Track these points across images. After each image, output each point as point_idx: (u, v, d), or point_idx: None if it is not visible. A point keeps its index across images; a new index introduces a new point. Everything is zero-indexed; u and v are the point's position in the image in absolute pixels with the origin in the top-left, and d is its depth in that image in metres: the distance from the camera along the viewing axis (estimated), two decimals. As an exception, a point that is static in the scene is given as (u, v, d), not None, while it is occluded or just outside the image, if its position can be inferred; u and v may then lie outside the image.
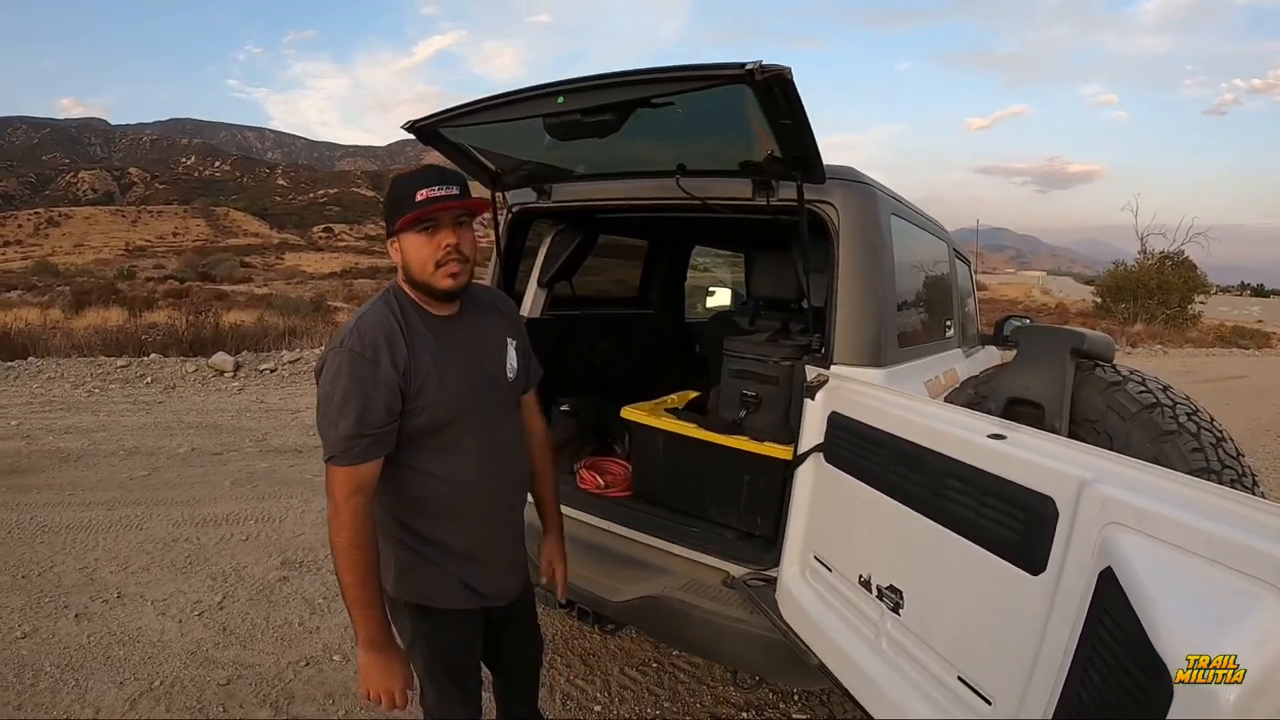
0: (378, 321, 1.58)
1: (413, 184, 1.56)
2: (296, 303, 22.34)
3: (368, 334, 1.55)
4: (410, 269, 1.61)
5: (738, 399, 2.54)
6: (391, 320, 1.59)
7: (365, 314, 1.61)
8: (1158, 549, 1.04)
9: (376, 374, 1.52)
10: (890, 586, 1.63)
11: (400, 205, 1.57)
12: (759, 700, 2.96)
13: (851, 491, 1.80)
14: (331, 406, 1.53)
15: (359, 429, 1.51)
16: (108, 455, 5.95)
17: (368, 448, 1.53)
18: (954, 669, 1.45)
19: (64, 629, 3.30)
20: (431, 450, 1.64)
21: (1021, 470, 1.30)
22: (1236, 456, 1.51)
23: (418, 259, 1.59)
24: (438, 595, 1.71)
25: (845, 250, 2.17)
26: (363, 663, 1.59)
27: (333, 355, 1.55)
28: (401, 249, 1.61)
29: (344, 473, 1.53)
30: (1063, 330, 1.79)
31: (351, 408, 1.51)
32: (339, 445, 1.52)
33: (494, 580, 1.80)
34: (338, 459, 1.52)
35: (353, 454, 1.52)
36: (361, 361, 1.52)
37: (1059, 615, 1.19)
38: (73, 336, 10.87)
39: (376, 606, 1.57)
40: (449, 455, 1.66)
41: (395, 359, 1.54)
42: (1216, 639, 0.90)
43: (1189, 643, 0.92)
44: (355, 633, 1.59)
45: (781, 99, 1.67)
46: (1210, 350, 22.96)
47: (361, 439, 1.52)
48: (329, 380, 1.54)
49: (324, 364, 1.57)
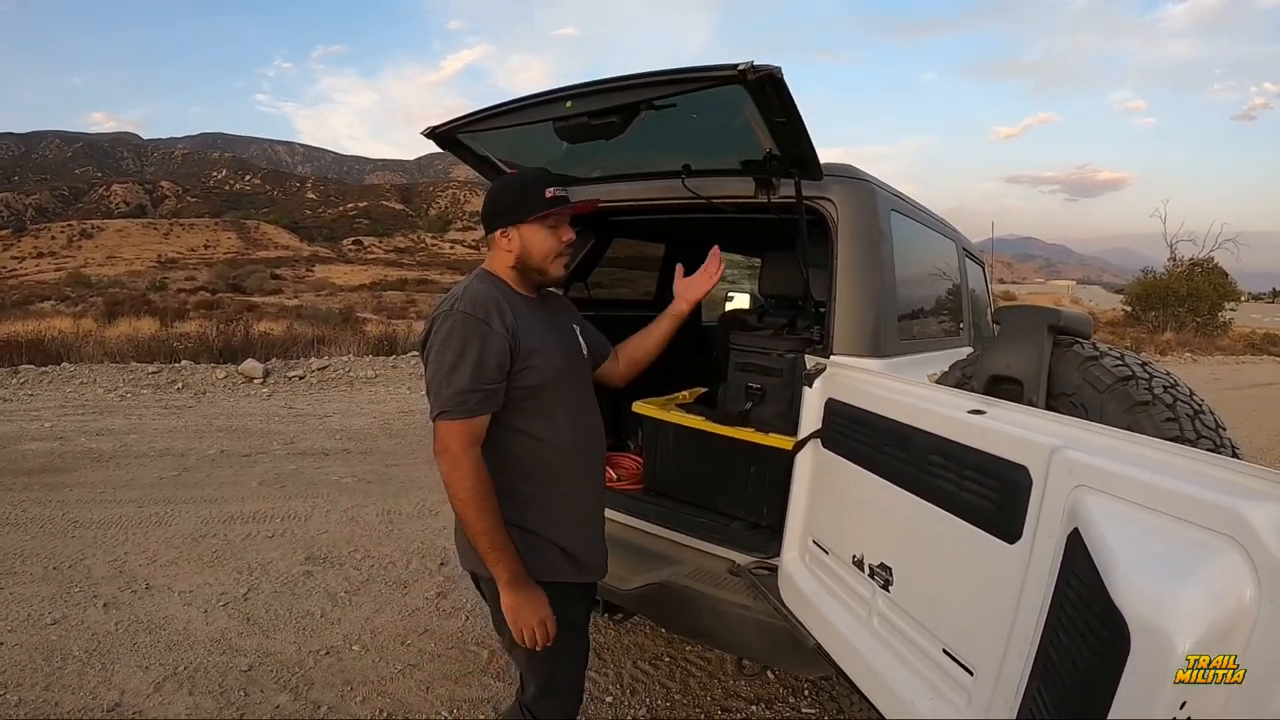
0: (484, 290, 1.70)
1: (539, 182, 1.76)
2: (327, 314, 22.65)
3: (478, 299, 1.67)
4: (530, 256, 1.77)
5: (744, 391, 2.60)
6: (495, 292, 1.72)
7: (470, 286, 1.72)
8: (1121, 508, 1.08)
9: (489, 333, 1.63)
10: (881, 565, 1.68)
11: (531, 199, 1.74)
12: (769, 694, 3.00)
13: (846, 475, 1.86)
14: (444, 364, 1.63)
15: (474, 383, 1.61)
16: (138, 456, 6.11)
17: (481, 401, 1.63)
18: (939, 642, 1.49)
19: (92, 617, 3.41)
20: (535, 412, 1.74)
21: (998, 442, 1.35)
22: (1216, 429, 1.54)
23: (541, 249, 1.77)
24: (540, 567, 1.74)
25: (844, 244, 2.24)
26: (510, 603, 1.66)
27: (443, 320, 1.66)
28: (522, 237, 1.76)
29: (460, 426, 1.61)
30: (1041, 309, 1.83)
31: (466, 364, 1.61)
32: (454, 400, 1.61)
33: (590, 547, 1.88)
34: (451, 412, 1.61)
35: (467, 407, 1.61)
36: (474, 322, 1.63)
37: (1033, 581, 1.23)
38: (105, 345, 11.09)
39: (512, 546, 1.65)
40: (551, 416, 1.77)
41: (505, 321, 1.66)
42: (1172, 590, 0.94)
43: (1145, 595, 0.96)
44: (495, 578, 1.67)
45: (774, 98, 1.74)
46: (1241, 358, 22.68)
47: (476, 393, 1.62)
48: (441, 340, 1.64)
49: (433, 329, 1.67)
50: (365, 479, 5.76)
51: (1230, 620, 0.92)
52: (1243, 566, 0.93)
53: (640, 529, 2.62)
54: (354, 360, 11.05)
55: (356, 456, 6.43)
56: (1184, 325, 27.34)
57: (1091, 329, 1.84)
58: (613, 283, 4.10)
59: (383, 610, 3.59)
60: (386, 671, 3.05)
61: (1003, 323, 1.90)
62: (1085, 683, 1.05)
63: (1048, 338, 1.78)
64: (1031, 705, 1.19)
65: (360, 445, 6.82)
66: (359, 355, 11.69)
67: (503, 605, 1.68)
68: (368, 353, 12.06)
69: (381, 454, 6.55)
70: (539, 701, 1.85)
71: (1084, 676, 1.06)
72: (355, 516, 4.90)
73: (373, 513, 4.99)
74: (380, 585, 3.87)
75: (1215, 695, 0.93)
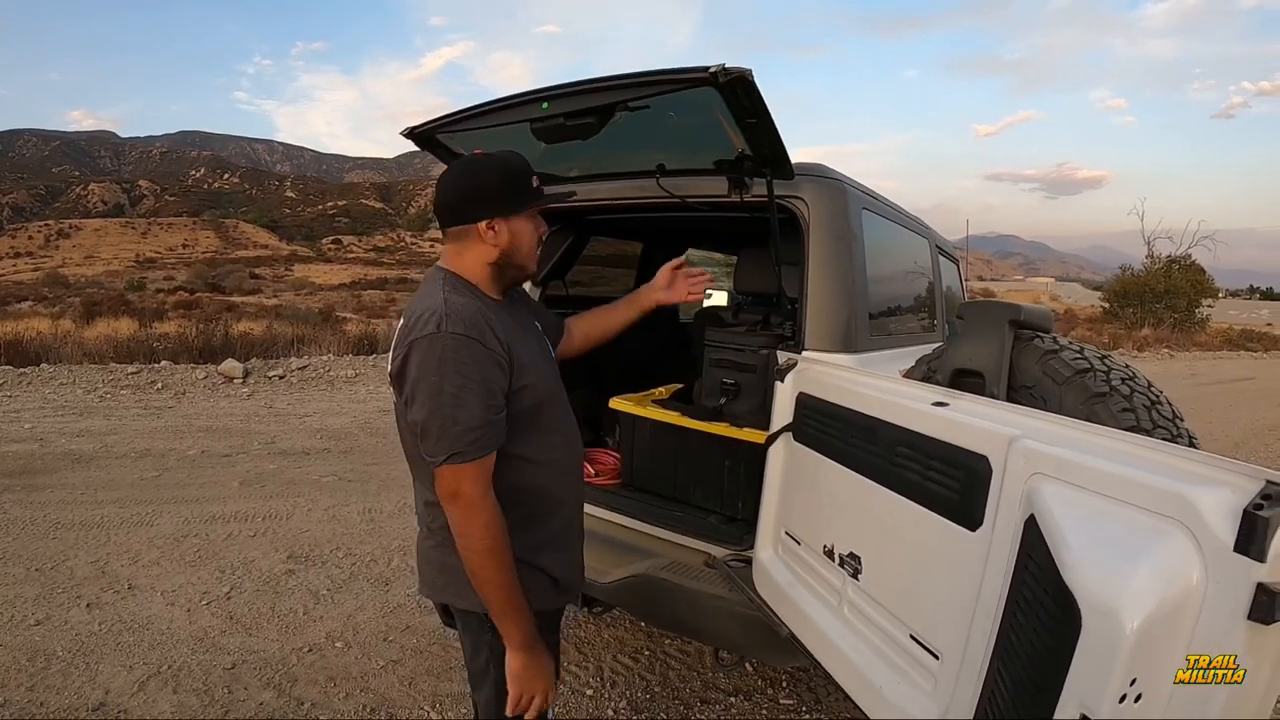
0: (468, 304, 1.48)
1: (523, 170, 1.59)
2: (306, 314, 22.53)
3: (467, 316, 1.44)
4: (518, 251, 1.59)
5: (718, 387, 2.64)
6: (479, 304, 1.51)
7: (449, 300, 1.48)
8: (1074, 494, 1.12)
9: (488, 355, 1.43)
10: (850, 554, 1.73)
11: (522, 190, 1.58)
12: (747, 686, 3.04)
13: (817, 467, 1.90)
14: (444, 398, 1.39)
15: (487, 414, 1.41)
16: (119, 457, 6.08)
17: (495, 434, 1.44)
18: (906, 628, 1.54)
19: (75, 617, 3.41)
20: (535, 434, 1.57)
21: (960, 433, 1.40)
22: (1173, 419, 1.58)
23: (528, 242, 1.61)
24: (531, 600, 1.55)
25: (815, 242, 2.28)
26: (517, 666, 1.50)
27: (429, 344, 1.41)
28: (512, 231, 1.57)
29: (475, 467, 1.41)
30: (1002, 304, 1.88)
31: (471, 395, 1.40)
32: (465, 438, 1.39)
33: (576, 568, 1.76)
34: (464, 454, 1.39)
35: (481, 444, 1.41)
36: (469, 345, 1.41)
37: (993, 566, 1.27)
38: (84, 345, 11.01)
39: (525, 603, 1.48)
40: (551, 436, 1.61)
41: (498, 335, 1.46)
42: (1121, 572, 0.99)
43: (1096, 577, 1.01)
44: (505, 637, 1.50)
45: (745, 99, 1.77)
46: (1218, 354, 22.95)
47: (489, 426, 1.42)
48: (433, 369, 1.40)
49: (411, 355, 1.43)
50: (346, 478, 5.77)
51: (1177, 600, 0.97)
52: (1190, 549, 0.97)
53: (618, 523, 2.64)
54: (334, 360, 11.01)
55: (337, 455, 6.43)
56: (1162, 322, 27.70)
57: (1052, 324, 1.89)
58: (592, 280, 4.13)
59: (365, 607, 3.61)
60: (369, 667, 3.07)
61: (965, 318, 1.95)
62: (1041, 662, 1.09)
63: (1009, 332, 1.82)
64: (993, 685, 1.24)
65: (341, 444, 6.82)
66: (339, 354, 11.64)
67: (509, 667, 1.51)
68: (348, 352, 12.01)
69: (362, 453, 6.55)
70: None
71: (1040, 656, 1.10)
72: (336, 515, 4.91)
73: (354, 511, 4.99)
74: (362, 583, 3.89)
75: (1165, 675, 0.97)
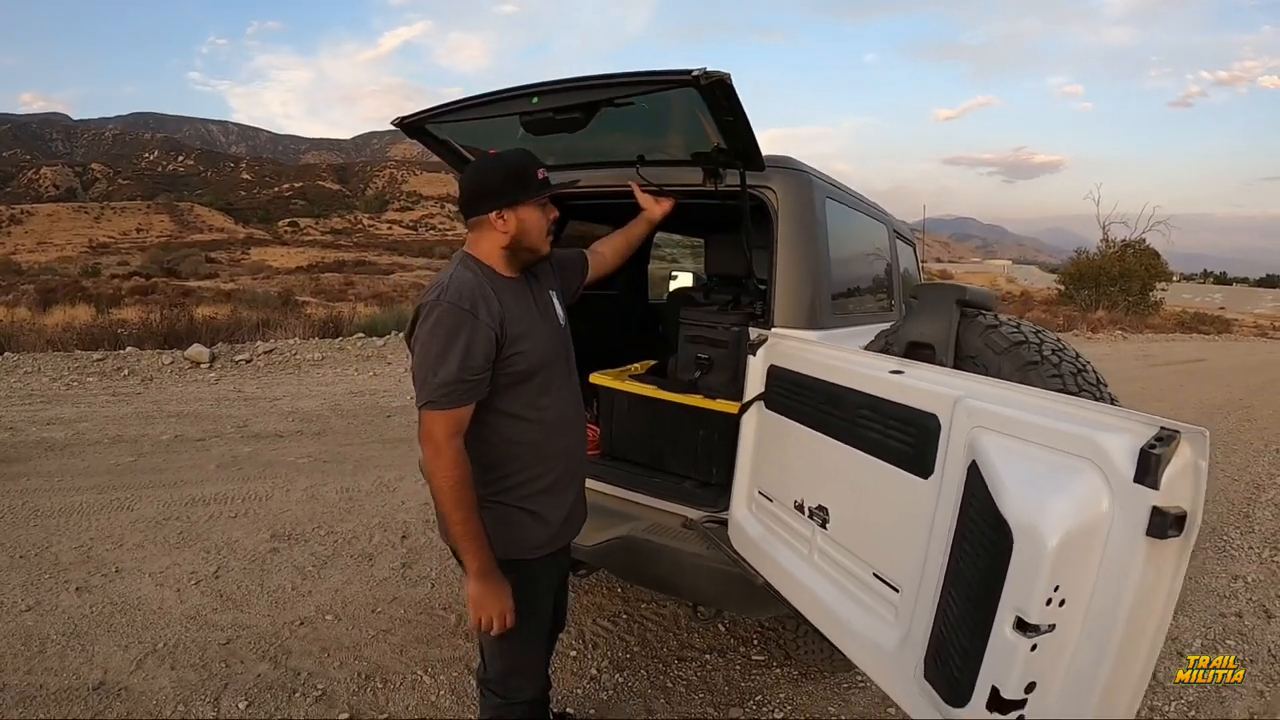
0: (469, 279, 1.73)
1: (528, 163, 1.80)
2: (265, 298, 22.29)
3: (464, 288, 1.69)
4: (528, 237, 1.80)
5: (693, 361, 2.82)
6: (480, 279, 1.75)
7: (455, 274, 1.74)
8: (1008, 442, 1.35)
9: (475, 324, 1.66)
10: (819, 506, 1.93)
11: (528, 182, 1.78)
12: (721, 644, 3.23)
13: (787, 431, 2.11)
14: (430, 355, 1.65)
15: (461, 374, 1.64)
16: (92, 444, 6.08)
17: (466, 392, 1.66)
18: (870, 567, 1.76)
19: (66, 601, 3.45)
20: (523, 395, 1.80)
21: (914, 395, 1.61)
22: (1097, 384, 1.83)
23: (537, 229, 1.81)
24: (515, 545, 1.82)
25: (783, 229, 2.47)
26: (475, 592, 1.72)
27: (430, 309, 1.67)
28: (520, 219, 1.78)
29: (445, 416, 1.65)
30: (950, 285, 2.12)
31: (453, 355, 1.64)
32: (439, 390, 1.64)
33: (573, 517, 1.99)
34: (437, 403, 1.64)
35: (453, 397, 1.65)
36: (460, 313, 1.65)
37: (943, 507, 1.49)
38: (45, 333, 10.86)
39: (484, 538, 1.70)
40: (538, 398, 1.83)
41: (491, 310, 1.69)
42: (1045, 501, 1.22)
43: (1024, 505, 1.24)
44: (464, 565, 1.74)
45: (723, 100, 1.94)
46: (1171, 336, 23.51)
47: (461, 384, 1.65)
48: (428, 330, 1.66)
49: (419, 318, 1.70)
50: (321, 459, 5.85)
51: (1091, 522, 1.19)
52: (1100, 483, 1.20)
53: (600, 491, 2.81)
54: (300, 343, 10.98)
55: (310, 438, 6.49)
56: (1116, 304, 28.20)
57: (994, 303, 2.14)
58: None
59: (351, 582, 3.72)
60: (361, 638, 3.19)
61: (919, 298, 2.18)
62: (982, 580, 1.31)
63: (955, 310, 2.06)
64: (945, 606, 1.45)
65: (313, 426, 6.88)
66: (305, 338, 11.61)
67: (468, 592, 1.74)
68: (313, 335, 11.99)
69: (334, 434, 6.63)
70: (505, 680, 1.96)
71: (982, 575, 1.32)
72: (315, 495, 5.00)
73: (332, 491, 5.08)
74: (346, 559, 4.00)
75: (1084, 581, 1.19)
